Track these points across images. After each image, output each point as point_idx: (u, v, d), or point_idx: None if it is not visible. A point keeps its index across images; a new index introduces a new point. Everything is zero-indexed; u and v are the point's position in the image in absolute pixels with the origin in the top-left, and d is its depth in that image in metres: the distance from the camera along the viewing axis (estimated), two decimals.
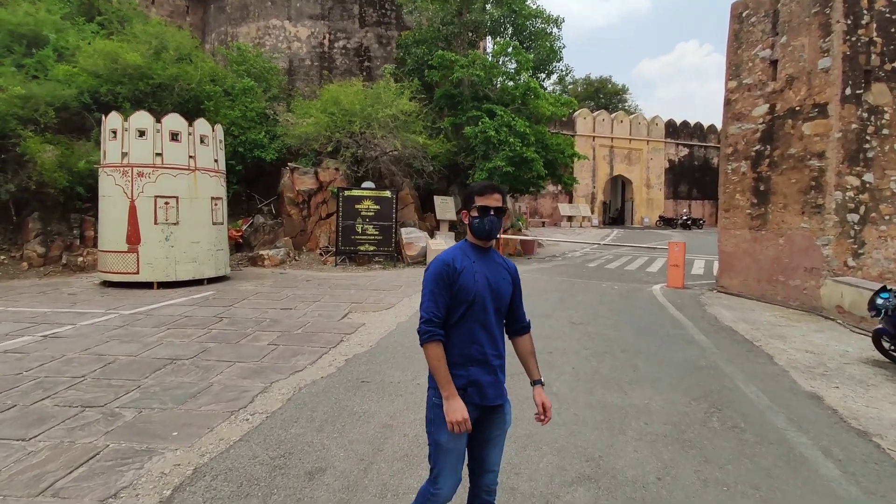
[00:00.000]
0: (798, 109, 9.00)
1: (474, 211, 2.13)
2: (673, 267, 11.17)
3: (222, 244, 10.33)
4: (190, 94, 13.79)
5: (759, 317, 8.31)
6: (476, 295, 2.06)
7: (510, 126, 14.26)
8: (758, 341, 6.72)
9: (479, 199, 2.12)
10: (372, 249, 13.09)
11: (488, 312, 2.11)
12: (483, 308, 2.09)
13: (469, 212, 2.15)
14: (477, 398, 2.09)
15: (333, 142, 13.84)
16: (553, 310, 8.29)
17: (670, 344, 6.41)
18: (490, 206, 2.10)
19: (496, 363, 2.16)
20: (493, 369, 2.14)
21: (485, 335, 2.11)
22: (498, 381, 2.16)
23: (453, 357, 2.07)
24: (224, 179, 10.70)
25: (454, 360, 2.07)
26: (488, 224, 2.11)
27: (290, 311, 7.66)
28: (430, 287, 2.06)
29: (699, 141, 40.75)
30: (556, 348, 6.05)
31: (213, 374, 4.89)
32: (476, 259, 2.14)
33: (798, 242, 8.98)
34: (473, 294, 2.06)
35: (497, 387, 2.15)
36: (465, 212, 2.19)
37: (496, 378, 2.15)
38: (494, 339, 2.16)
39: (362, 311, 7.78)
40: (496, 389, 2.15)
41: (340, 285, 10.23)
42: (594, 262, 16.02)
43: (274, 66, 16.88)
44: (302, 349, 5.78)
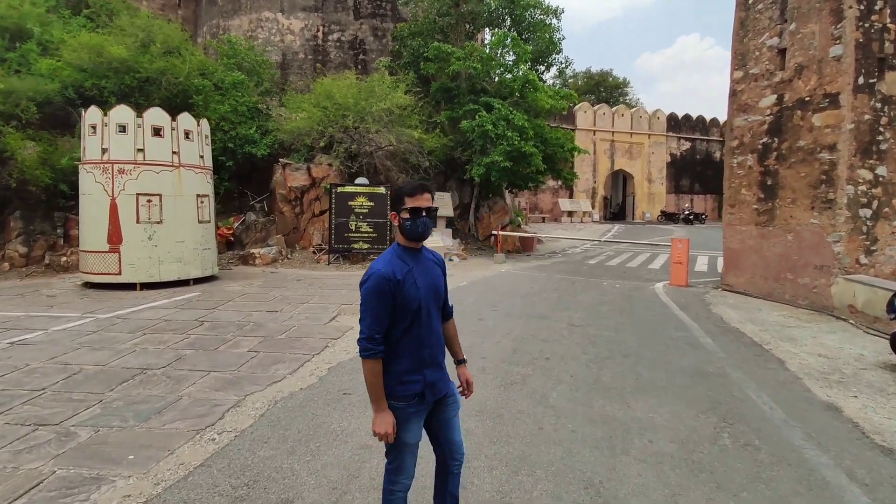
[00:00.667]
0: (808, 100, 8.61)
1: (405, 213, 2.09)
2: (676, 264, 10.80)
3: (209, 243, 9.98)
4: (178, 88, 13.40)
5: (767, 317, 7.95)
6: (420, 302, 2.07)
7: (508, 120, 13.86)
8: (767, 344, 6.37)
9: (409, 200, 2.08)
10: (366, 247, 12.73)
11: (431, 315, 2.14)
12: (427, 312, 2.11)
13: (399, 213, 2.11)
14: (431, 397, 2.17)
15: (326, 137, 13.46)
16: (552, 310, 7.94)
17: (675, 348, 6.06)
18: (422, 207, 2.06)
19: (441, 358, 2.24)
20: (440, 365, 2.23)
21: (432, 337, 2.16)
22: (444, 373, 2.26)
23: (406, 364, 2.09)
24: (211, 176, 10.33)
25: (408, 366, 2.09)
26: (421, 226, 2.08)
27: (276, 314, 7.31)
28: (371, 304, 2.00)
29: (701, 135, 40.27)
30: (555, 353, 5.70)
31: (184, 386, 4.54)
32: (412, 263, 2.11)
33: (807, 239, 8.60)
34: (418, 302, 2.06)
35: (445, 378, 2.25)
36: (394, 214, 2.15)
37: (443, 371, 2.24)
38: (439, 337, 2.22)
39: (351, 314, 7.42)
40: (444, 381, 2.25)
41: (332, 285, 9.88)
42: (595, 259, 15.65)
43: (266, 60, 16.46)
44: (283, 356, 5.43)
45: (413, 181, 2.24)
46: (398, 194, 2.14)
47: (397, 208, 2.12)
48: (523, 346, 5.96)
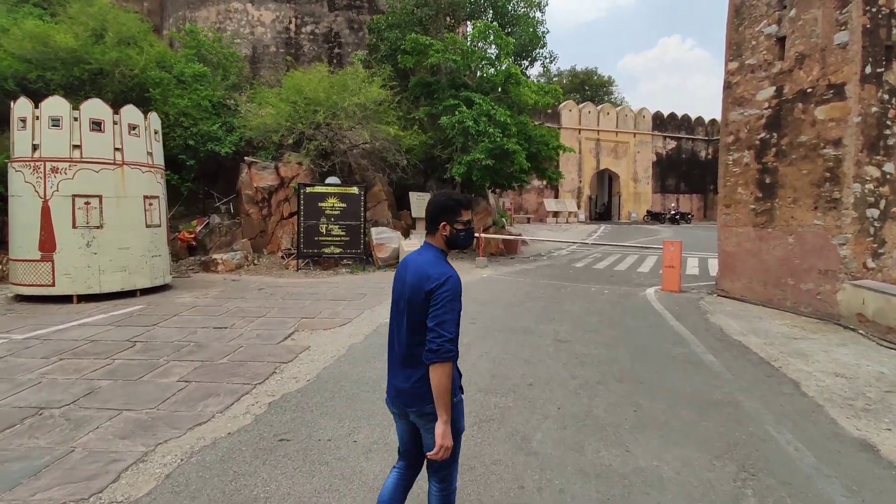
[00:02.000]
0: (810, 91, 7.98)
1: (459, 224, 2.13)
2: (668, 268, 10.13)
3: (160, 249, 9.03)
4: (134, 81, 12.40)
5: (770, 327, 7.28)
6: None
7: (490, 115, 13.09)
8: (775, 361, 5.67)
9: (465, 213, 2.14)
10: (338, 252, 11.86)
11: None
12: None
13: (453, 224, 2.12)
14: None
15: (296, 133, 12.56)
16: (536, 322, 7.17)
17: (675, 368, 5.33)
18: (470, 220, 2.17)
19: None
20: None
21: None
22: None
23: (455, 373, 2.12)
24: (162, 175, 9.38)
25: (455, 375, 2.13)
26: (470, 236, 2.19)
27: (224, 332, 6.43)
28: (455, 305, 1.99)
29: (687, 133, 40.03)
30: (539, 378, 4.93)
31: (82, 432, 3.67)
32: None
33: (810, 241, 7.97)
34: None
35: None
36: (445, 223, 2.11)
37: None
38: None
39: (311, 330, 6.57)
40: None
41: (296, 294, 9.00)
42: (581, 262, 14.97)
43: (233, 52, 15.49)
44: (219, 387, 4.57)
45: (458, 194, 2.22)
46: (454, 205, 2.12)
47: (451, 219, 2.11)
48: (503, 369, 5.18)
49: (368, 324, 6.90)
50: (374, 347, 5.81)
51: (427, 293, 1.97)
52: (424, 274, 2.00)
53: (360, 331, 6.55)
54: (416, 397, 2.06)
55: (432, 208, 2.13)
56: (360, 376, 4.88)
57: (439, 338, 1.93)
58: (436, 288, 1.96)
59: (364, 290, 9.54)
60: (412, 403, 2.08)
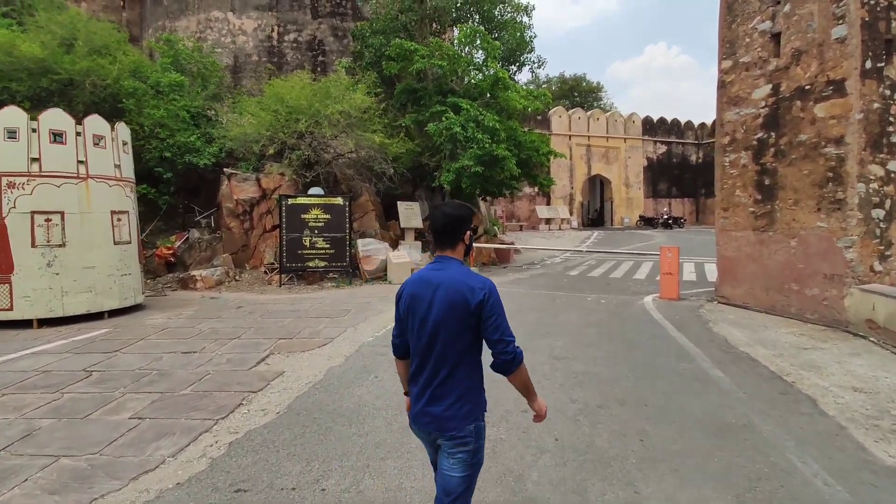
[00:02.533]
0: (808, 88, 7.66)
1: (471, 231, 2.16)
2: (666, 275, 9.75)
3: (130, 268, 8.51)
4: (107, 91, 11.91)
5: (777, 336, 6.89)
6: None
7: (478, 121, 12.74)
8: (788, 375, 5.26)
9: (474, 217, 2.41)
10: (322, 265, 11.37)
11: None
12: None
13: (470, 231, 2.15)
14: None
15: (277, 143, 12.11)
16: (530, 337, 6.72)
17: (681, 387, 4.89)
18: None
19: None
20: None
21: None
22: None
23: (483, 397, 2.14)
24: (132, 189, 8.88)
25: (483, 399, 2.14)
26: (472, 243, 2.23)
27: (192, 357, 5.92)
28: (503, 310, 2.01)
29: (677, 138, 40.01)
30: None
31: (5, 487, 3.16)
32: None
33: (814, 245, 7.61)
34: None
35: None
36: (468, 232, 2.12)
37: None
38: None
39: (287, 352, 6.08)
40: None
41: (276, 312, 8.50)
42: (576, 270, 14.57)
43: (213, 62, 15.04)
44: (175, 425, 4.07)
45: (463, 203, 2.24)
46: (470, 214, 2.14)
47: (468, 227, 2.12)
48: (495, 393, 4.66)
49: (350, 344, 6.42)
50: (354, 371, 5.34)
51: (478, 305, 1.92)
52: (467, 287, 1.94)
53: (340, 352, 6.07)
54: (456, 419, 1.98)
55: (452, 221, 2.05)
56: (336, 406, 4.40)
57: (509, 345, 1.96)
58: (486, 298, 1.93)
59: (349, 305, 9.05)
60: (450, 427, 1.98)
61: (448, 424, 1.97)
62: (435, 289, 1.96)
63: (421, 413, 2.03)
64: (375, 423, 4.04)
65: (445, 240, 2.06)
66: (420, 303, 2.00)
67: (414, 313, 2.02)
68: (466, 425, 1.97)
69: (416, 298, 2.02)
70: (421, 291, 2.01)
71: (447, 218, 2.04)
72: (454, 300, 1.92)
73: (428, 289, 1.99)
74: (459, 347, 1.96)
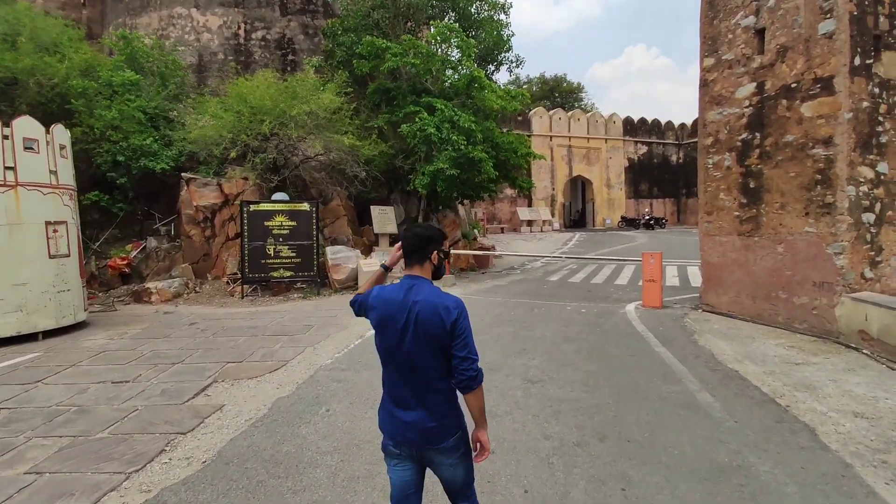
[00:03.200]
0: (794, 87, 7.28)
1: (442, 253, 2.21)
2: (649, 282, 9.32)
3: (69, 283, 7.77)
4: (55, 91, 11.09)
5: (766, 349, 6.47)
6: None
7: (453, 122, 12.19)
8: (781, 397, 4.81)
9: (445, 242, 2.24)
10: (288, 275, 10.71)
11: None
12: None
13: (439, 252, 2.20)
14: None
15: (240, 145, 11.41)
16: (503, 355, 6.19)
17: (668, 416, 4.40)
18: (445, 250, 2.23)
19: None
20: None
21: None
22: None
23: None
24: (72, 197, 8.13)
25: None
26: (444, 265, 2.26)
27: (123, 388, 5.26)
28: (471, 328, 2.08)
29: (657, 138, 40.04)
30: (503, 439, 3.93)
31: None
32: None
33: (802, 250, 7.23)
34: None
35: None
36: (435, 252, 2.18)
37: None
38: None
39: (234, 380, 5.45)
40: None
41: (232, 329, 7.84)
42: (556, 275, 14.12)
43: (174, 60, 14.25)
44: (78, 481, 3.43)
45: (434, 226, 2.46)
46: (440, 236, 2.21)
47: (438, 247, 2.18)
48: None
49: (305, 368, 5.80)
50: (304, 403, 4.74)
51: (452, 323, 1.98)
52: (443, 306, 2.00)
53: (293, 378, 5.45)
54: (441, 431, 2.05)
55: (419, 240, 2.14)
56: (274, 451, 3.80)
57: (474, 363, 2.02)
58: (458, 318, 2.00)
59: (312, 320, 8.43)
60: (437, 440, 2.05)
61: (438, 437, 2.04)
62: (408, 312, 2.00)
63: (400, 429, 2.06)
64: (316, 475, 3.45)
65: (414, 258, 2.13)
66: (394, 324, 2.02)
67: (387, 335, 2.05)
68: (455, 433, 2.08)
69: (389, 320, 2.04)
70: (394, 313, 2.03)
71: (416, 237, 2.14)
72: (431, 321, 1.98)
73: (401, 311, 2.02)
74: (439, 363, 2.02)
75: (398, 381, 2.07)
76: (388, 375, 2.11)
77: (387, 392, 2.13)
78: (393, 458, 2.11)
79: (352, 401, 4.75)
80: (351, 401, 4.76)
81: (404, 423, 2.05)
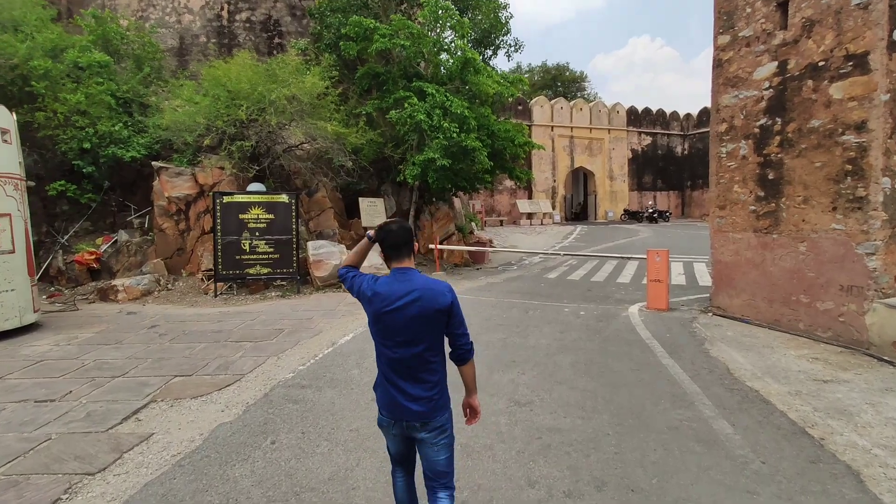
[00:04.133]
0: (822, 65, 6.45)
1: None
2: (654, 283, 8.55)
3: (13, 282, 7.03)
4: (15, 73, 10.30)
5: (787, 362, 5.71)
6: None
7: (445, 108, 11.37)
8: (813, 427, 4.06)
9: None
10: (265, 272, 9.95)
11: None
12: None
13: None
14: None
15: (215, 132, 10.61)
16: (490, 369, 5.44)
17: (679, 452, 3.65)
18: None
19: None
20: None
21: None
22: None
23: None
24: (18, 187, 7.37)
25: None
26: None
27: (44, 409, 4.53)
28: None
29: (662, 129, 39.03)
30: (477, 487, 3.19)
31: None
32: None
33: (828, 250, 6.44)
34: None
35: None
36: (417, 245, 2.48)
37: None
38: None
39: (175, 399, 4.72)
40: None
41: (193, 334, 7.11)
42: (555, 272, 13.35)
43: (150, 41, 13.42)
44: None
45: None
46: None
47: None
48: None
49: (261, 383, 5.07)
50: (248, 431, 4.00)
51: (448, 305, 2.23)
52: (439, 292, 2.23)
53: (243, 398, 4.72)
54: (434, 407, 2.26)
55: (406, 235, 2.28)
56: (195, 503, 3.07)
57: (468, 338, 2.33)
58: (454, 300, 2.27)
59: (285, 322, 7.69)
60: (430, 416, 2.24)
61: (431, 413, 2.25)
62: (410, 299, 2.18)
63: (397, 408, 2.25)
64: None
65: (404, 250, 2.27)
66: (394, 312, 2.18)
67: (387, 322, 2.20)
68: (445, 413, 2.31)
69: (389, 311, 2.19)
70: (395, 303, 2.18)
71: (405, 230, 2.29)
72: (431, 306, 2.19)
73: (401, 300, 2.18)
74: (435, 343, 2.25)
75: (397, 361, 2.23)
76: (385, 356, 2.25)
77: (385, 371, 2.28)
78: (392, 428, 2.30)
79: (304, 429, 4.02)
80: (304, 429, 4.02)
81: (403, 399, 2.23)
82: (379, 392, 2.32)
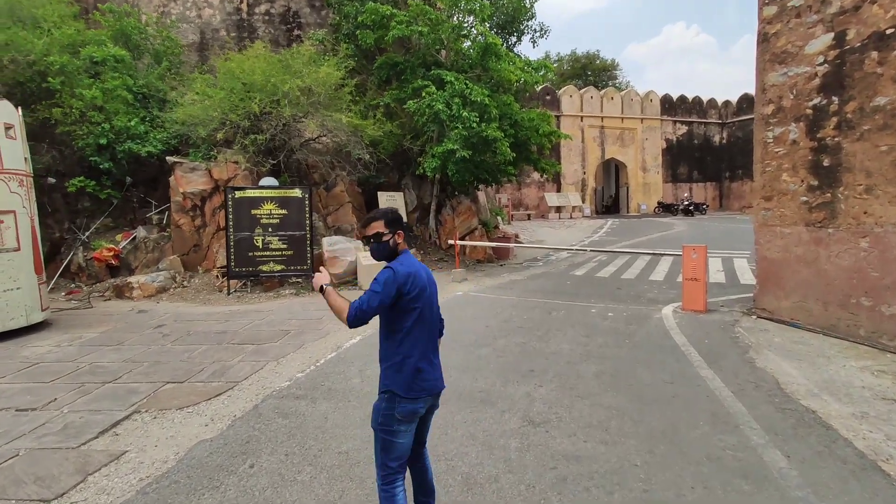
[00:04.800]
0: (890, 33, 5.62)
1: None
2: (690, 281, 7.82)
3: (20, 280, 6.91)
4: (33, 69, 10.29)
5: (847, 375, 4.97)
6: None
7: (464, 97, 10.81)
8: (887, 461, 3.43)
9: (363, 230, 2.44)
10: (279, 269, 9.66)
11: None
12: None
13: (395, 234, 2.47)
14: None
15: (229, 126, 10.37)
16: (503, 380, 4.91)
17: (723, 492, 3.05)
18: (369, 236, 2.38)
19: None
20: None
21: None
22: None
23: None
24: (23, 183, 7.22)
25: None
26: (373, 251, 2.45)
27: (23, 419, 4.26)
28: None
29: (699, 117, 37.30)
30: None
31: None
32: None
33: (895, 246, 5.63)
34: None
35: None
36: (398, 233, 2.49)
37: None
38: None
39: (161, 409, 4.38)
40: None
41: (197, 335, 6.83)
42: (582, 269, 12.65)
43: (170, 36, 13.32)
44: None
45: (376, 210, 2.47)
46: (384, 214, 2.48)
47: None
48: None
49: (254, 394, 4.69)
50: (228, 451, 3.61)
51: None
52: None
53: (231, 409, 4.34)
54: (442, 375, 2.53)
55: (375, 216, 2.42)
56: None
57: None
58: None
59: (292, 323, 7.35)
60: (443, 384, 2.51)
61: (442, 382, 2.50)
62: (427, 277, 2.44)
63: (435, 379, 2.43)
64: None
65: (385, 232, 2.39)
66: (426, 291, 2.39)
67: (426, 300, 2.38)
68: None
69: (425, 289, 2.38)
70: (426, 283, 2.40)
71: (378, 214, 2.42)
72: (435, 283, 2.50)
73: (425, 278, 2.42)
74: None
75: (428, 338, 2.41)
76: (420, 336, 2.36)
77: (424, 350, 2.38)
78: (412, 423, 2.36)
79: (289, 450, 3.60)
80: (288, 450, 3.60)
81: (439, 371, 2.48)
82: (421, 378, 2.34)
